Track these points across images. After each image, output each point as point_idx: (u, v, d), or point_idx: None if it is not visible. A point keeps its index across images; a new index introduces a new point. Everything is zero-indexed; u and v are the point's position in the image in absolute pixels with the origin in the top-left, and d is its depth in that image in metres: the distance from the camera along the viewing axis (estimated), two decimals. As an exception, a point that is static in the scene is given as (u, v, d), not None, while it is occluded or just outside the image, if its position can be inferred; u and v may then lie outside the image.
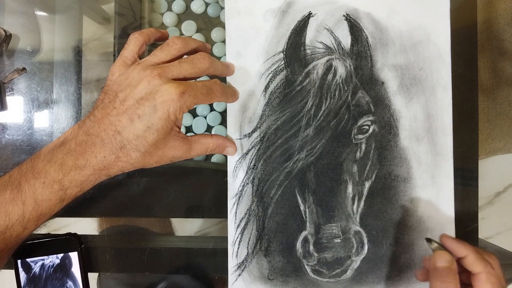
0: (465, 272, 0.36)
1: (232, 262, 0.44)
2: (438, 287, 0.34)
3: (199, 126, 0.52)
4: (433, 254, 0.36)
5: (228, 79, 0.44)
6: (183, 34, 0.53)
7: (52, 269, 0.46)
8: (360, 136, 0.43)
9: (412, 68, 0.43)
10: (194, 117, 0.52)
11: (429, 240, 0.37)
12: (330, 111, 0.43)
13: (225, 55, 0.44)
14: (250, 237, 0.44)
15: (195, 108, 0.52)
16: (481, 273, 0.34)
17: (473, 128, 0.47)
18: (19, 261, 0.46)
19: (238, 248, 0.44)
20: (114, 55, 0.50)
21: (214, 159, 0.52)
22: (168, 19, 0.53)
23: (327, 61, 0.43)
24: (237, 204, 0.44)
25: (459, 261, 0.36)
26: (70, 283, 0.46)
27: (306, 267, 0.43)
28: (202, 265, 0.48)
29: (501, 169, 1.04)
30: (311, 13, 0.43)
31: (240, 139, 0.44)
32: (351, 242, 0.43)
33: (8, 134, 0.50)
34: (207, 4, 0.53)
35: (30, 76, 0.50)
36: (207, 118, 0.52)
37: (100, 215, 0.49)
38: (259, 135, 0.43)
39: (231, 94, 0.42)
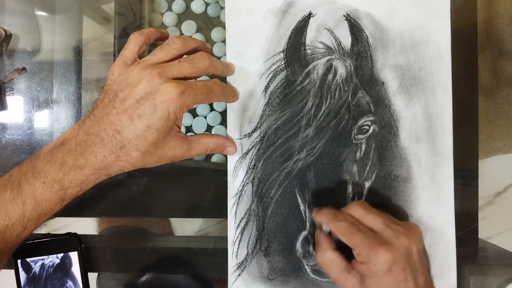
0: None
1: (232, 262, 0.44)
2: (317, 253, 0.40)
3: (199, 126, 0.52)
4: None
5: (228, 79, 0.44)
6: (183, 34, 0.53)
7: (52, 269, 0.46)
8: (360, 136, 0.43)
9: (412, 68, 0.43)
10: (194, 117, 0.52)
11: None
12: (330, 111, 0.43)
13: (225, 55, 0.44)
14: (250, 237, 0.44)
15: (195, 108, 0.52)
16: (333, 230, 0.38)
17: (473, 128, 0.47)
18: (19, 261, 0.46)
19: (238, 248, 0.44)
20: (114, 55, 0.50)
21: (214, 159, 0.52)
22: (168, 19, 0.53)
23: (327, 61, 0.43)
24: (237, 204, 0.44)
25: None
26: (70, 283, 0.46)
27: (306, 267, 0.43)
28: (202, 265, 0.48)
29: (501, 169, 1.03)
30: (311, 13, 0.43)
31: (240, 139, 0.44)
32: (351, 242, 0.43)
33: (8, 134, 0.50)
34: (207, 4, 0.53)
35: (30, 76, 0.50)
36: (207, 118, 0.52)
37: (100, 215, 0.49)
38: (259, 135, 0.43)
39: (231, 94, 0.42)
